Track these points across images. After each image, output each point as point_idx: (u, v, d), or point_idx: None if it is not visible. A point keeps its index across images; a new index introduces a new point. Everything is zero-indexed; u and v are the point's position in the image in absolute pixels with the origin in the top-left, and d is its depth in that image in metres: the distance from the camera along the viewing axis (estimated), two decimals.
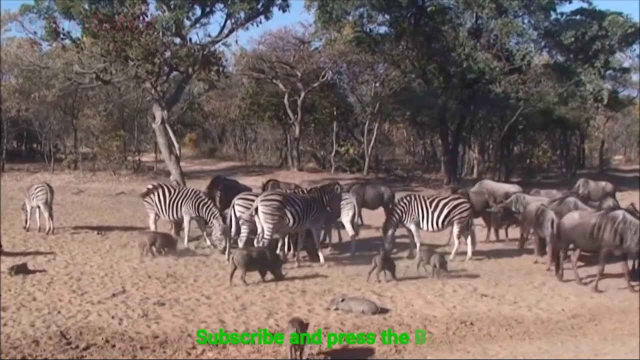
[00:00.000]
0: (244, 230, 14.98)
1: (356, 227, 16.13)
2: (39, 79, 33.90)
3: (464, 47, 32.45)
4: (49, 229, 17.95)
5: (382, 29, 35.43)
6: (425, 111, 35.98)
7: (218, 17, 72.76)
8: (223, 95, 43.74)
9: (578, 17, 34.84)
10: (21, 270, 13.48)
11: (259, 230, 14.64)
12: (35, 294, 12.06)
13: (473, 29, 33.90)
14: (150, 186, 17.78)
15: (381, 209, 19.87)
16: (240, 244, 14.93)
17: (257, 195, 15.51)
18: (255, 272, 13.86)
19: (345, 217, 15.90)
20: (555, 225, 14.29)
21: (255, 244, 14.45)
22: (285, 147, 42.05)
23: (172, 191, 17.21)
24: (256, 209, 14.65)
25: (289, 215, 14.69)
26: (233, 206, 15.25)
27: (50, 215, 18.19)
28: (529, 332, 10.75)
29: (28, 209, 18.47)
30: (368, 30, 34.93)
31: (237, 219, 15.08)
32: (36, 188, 18.40)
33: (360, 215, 18.20)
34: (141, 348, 9.55)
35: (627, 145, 59.27)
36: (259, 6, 29.87)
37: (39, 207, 18.23)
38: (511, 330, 10.84)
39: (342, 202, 15.96)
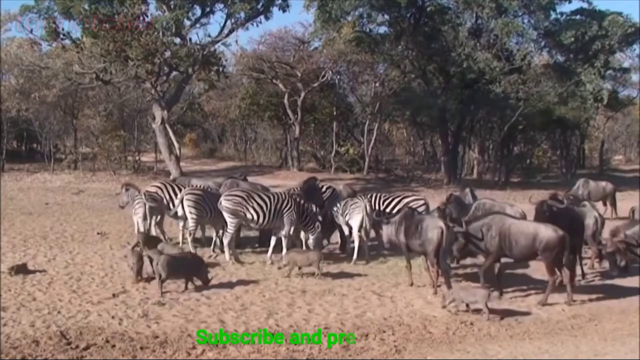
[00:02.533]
0: (231, 227, 15.06)
1: (365, 232, 15.87)
2: (39, 79, 33.86)
3: (464, 47, 32.42)
4: None
5: (382, 29, 35.45)
6: (425, 111, 35.96)
7: (218, 17, 72.76)
8: (223, 95, 43.73)
9: (578, 17, 34.79)
10: (21, 270, 13.48)
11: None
12: (35, 294, 12.07)
13: (473, 29, 33.87)
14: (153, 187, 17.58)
15: None
16: (225, 241, 15.09)
17: (245, 192, 15.56)
18: (255, 272, 13.88)
19: (354, 222, 15.71)
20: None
21: (224, 240, 15.06)
22: (285, 147, 42.01)
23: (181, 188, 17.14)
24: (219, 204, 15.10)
25: (252, 212, 14.87)
26: (220, 203, 15.29)
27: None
28: (529, 332, 10.76)
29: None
30: (368, 30, 34.91)
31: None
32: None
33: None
34: (141, 348, 9.56)
35: (627, 145, 59.18)
36: (259, 6, 29.96)
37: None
38: (511, 330, 10.85)
39: (352, 205, 15.83)
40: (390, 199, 16.35)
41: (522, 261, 13.49)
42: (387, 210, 15.96)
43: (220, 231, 15.78)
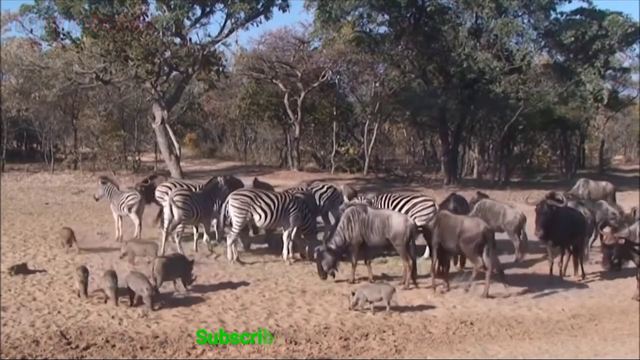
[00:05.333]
0: (236, 226, 15.07)
1: None
2: (39, 79, 33.84)
3: (464, 47, 32.39)
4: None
5: (382, 29, 35.41)
6: (425, 111, 35.92)
7: (218, 17, 72.91)
8: (223, 95, 43.70)
9: (578, 16, 34.78)
10: (21, 270, 13.50)
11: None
12: (35, 294, 12.08)
13: (473, 29, 33.83)
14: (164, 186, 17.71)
15: None
16: (229, 241, 15.13)
17: (252, 192, 15.58)
18: (255, 272, 13.88)
19: None
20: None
21: (228, 240, 15.16)
22: (285, 147, 42.02)
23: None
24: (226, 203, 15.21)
25: (259, 211, 14.90)
26: (227, 202, 15.33)
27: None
28: (529, 332, 10.77)
29: (115, 217, 17.62)
30: (368, 30, 34.89)
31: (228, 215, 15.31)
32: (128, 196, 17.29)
33: None
34: (141, 348, 9.57)
35: (627, 145, 59.14)
36: (259, 6, 29.93)
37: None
38: (511, 330, 10.86)
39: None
40: (399, 200, 16.29)
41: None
42: (397, 209, 15.87)
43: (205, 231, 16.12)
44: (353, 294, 11.58)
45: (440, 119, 35.38)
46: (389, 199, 16.33)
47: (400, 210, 15.71)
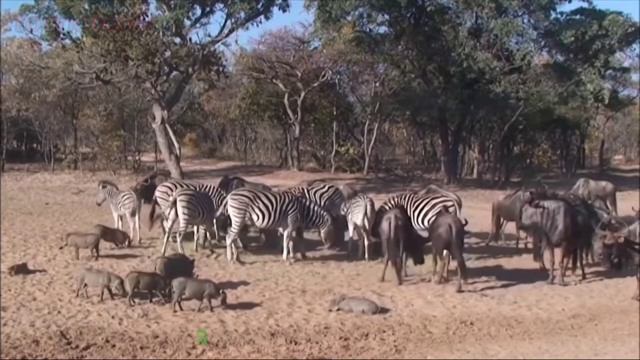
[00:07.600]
0: (235, 226, 15.07)
1: (367, 231, 15.91)
2: (39, 79, 33.83)
3: (464, 47, 32.38)
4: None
5: (382, 29, 35.40)
6: (425, 111, 35.92)
7: (218, 17, 72.99)
8: (223, 95, 43.71)
9: (578, 16, 34.75)
10: (21, 270, 13.51)
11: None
12: (35, 294, 12.08)
13: (473, 29, 33.82)
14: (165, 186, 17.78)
15: None
16: (228, 240, 15.16)
17: (251, 192, 15.58)
18: (255, 272, 13.85)
19: (355, 219, 15.80)
20: None
21: (227, 239, 15.25)
22: (285, 147, 42.02)
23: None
24: (225, 204, 15.32)
25: (257, 212, 14.94)
26: (226, 203, 15.35)
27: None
28: (529, 332, 10.77)
29: (115, 217, 17.81)
30: (368, 30, 34.88)
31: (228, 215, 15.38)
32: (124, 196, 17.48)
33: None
34: (141, 348, 9.57)
35: (627, 145, 59.08)
36: (259, 6, 29.94)
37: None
38: (511, 330, 10.87)
39: (353, 204, 15.98)
40: (420, 200, 16.25)
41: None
42: (417, 211, 15.82)
43: (202, 231, 16.26)
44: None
45: (440, 119, 35.38)
46: (412, 199, 16.30)
47: (420, 211, 15.75)
